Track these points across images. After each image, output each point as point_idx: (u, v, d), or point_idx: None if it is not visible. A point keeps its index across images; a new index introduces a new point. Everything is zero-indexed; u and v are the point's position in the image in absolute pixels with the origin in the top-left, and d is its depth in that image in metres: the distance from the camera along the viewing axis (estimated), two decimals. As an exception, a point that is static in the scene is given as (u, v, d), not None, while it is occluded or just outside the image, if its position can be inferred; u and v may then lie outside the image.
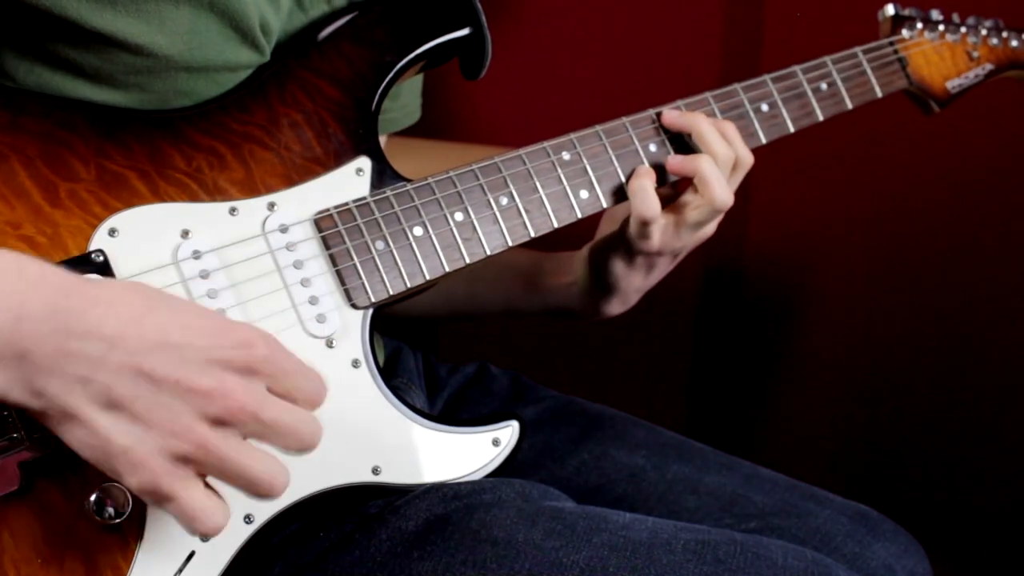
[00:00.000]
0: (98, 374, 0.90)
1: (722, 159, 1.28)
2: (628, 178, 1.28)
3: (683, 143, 1.31)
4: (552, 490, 1.19)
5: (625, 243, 1.30)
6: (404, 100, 1.39)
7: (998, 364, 2.29)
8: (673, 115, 1.30)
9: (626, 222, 1.28)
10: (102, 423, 0.91)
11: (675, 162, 1.28)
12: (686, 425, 2.55)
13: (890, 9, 1.50)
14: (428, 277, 1.17)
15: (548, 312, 1.44)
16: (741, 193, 1.32)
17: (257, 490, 0.95)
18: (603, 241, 1.34)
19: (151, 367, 0.90)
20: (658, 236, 1.28)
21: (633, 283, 1.34)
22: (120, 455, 0.91)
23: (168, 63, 1.10)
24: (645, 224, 1.26)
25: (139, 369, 0.90)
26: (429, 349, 1.50)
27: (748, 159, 1.32)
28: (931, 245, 2.31)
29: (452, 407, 1.45)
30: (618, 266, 1.32)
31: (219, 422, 0.92)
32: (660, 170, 1.30)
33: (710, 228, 1.31)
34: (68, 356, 0.89)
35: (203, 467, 0.93)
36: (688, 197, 1.28)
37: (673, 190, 1.31)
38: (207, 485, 0.95)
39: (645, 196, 1.25)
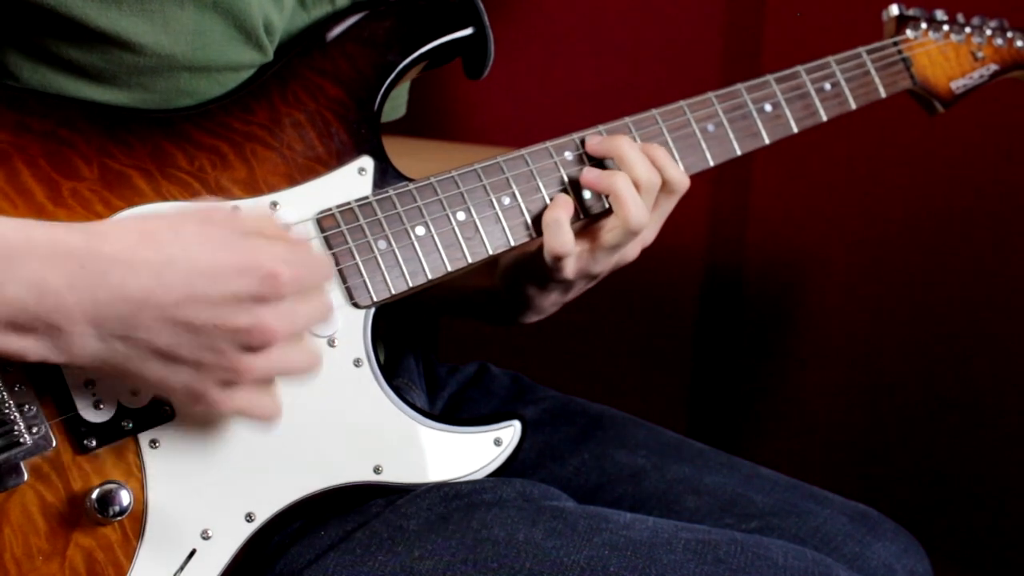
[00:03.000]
0: (135, 331, 0.93)
1: (644, 182, 1.23)
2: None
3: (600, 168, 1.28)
4: (553, 490, 1.19)
5: (539, 268, 1.25)
6: (391, 94, 1.37)
7: (998, 364, 2.29)
8: (595, 141, 1.25)
9: (540, 248, 1.23)
10: (152, 370, 0.96)
11: (590, 176, 1.24)
12: (686, 425, 2.55)
13: (894, 9, 1.50)
14: (430, 276, 1.17)
15: (466, 313, 1.43)
16: (741, 193, 1.32)
17: (301, 376, 1.04)
18: (519, 260, 1.29)
19: (186, 318, 0.94)
20: (573, 266, 1.23)
21: (548, 300, 1.31)
22: (178, 392, 0.97)
23: (171, 63, 1.10)
24: (558, 258, 1.22)
25: (174, 321, 0.94)
26: (429, 349, 1.49)
27: (681, 182, 1.26)
28: (932, 245, 2.31)
29: (452, 407, 1.45)
30: (531, 288, 1.29)
31: (260, 348, 0.97)
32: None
33: (631, 252, 1.26)
34: (100, 322, 0.93)
35: (255, 381, 0.99)
36: (602, 219, 1.24)
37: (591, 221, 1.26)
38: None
39: (559, 231, 1.20)
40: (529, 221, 1.22)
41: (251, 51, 1.15)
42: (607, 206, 1.26)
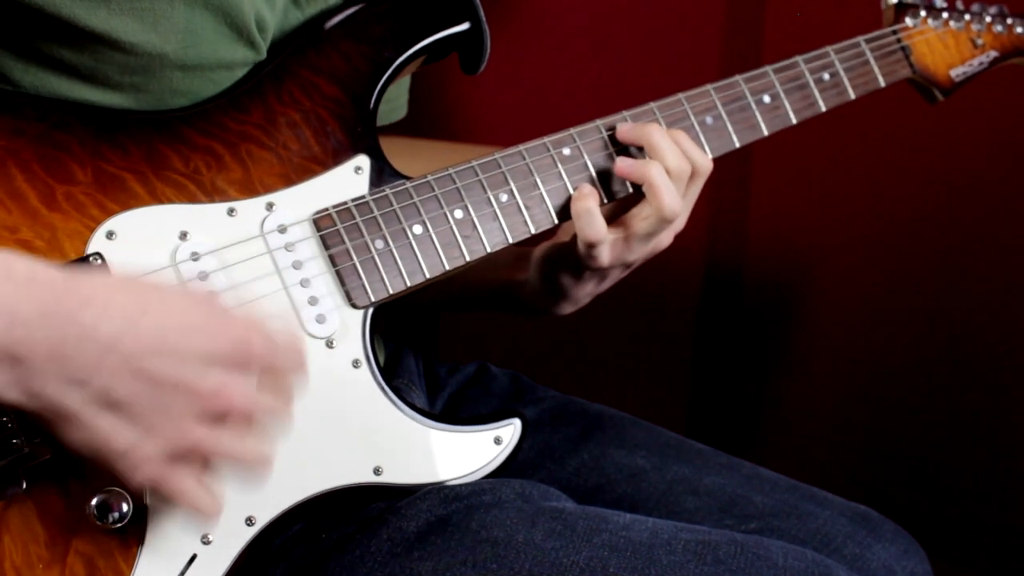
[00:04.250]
0: (96, 377, 0.91)
1: (675, 170, 1.24)
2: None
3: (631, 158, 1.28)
4: (552, 490, 1.19)
5: (574, 258, 1.26)
6: (391, 95, 1.37)
7: (998, 364, 2.29)
8: (625, 128, 1.26)
9: (575, 238, 1.25)
10: (101, 424, 0.92)
11: (624, 166, 1.24)
12: (686, 425, 2.55)
13: None
14: (428, 276, 1.16)
15: (501, 307, 1.43)
16: (741, 193, 1.32)
17: (249, 472, 1.01)
18: (553, 250, 1.31)
19: (151, 369, 0.92)
20: (607, 253, 1.24)
21: (584, 290, 1.32)
22: (120, 456, 0.93)
23: (163, 62, 1.09)
24: (592, 246, 1.23)
25: (138, 371, 0.91)
26: (429, 349, 1.49)
27: (706, 166, 1.27)
28: (931, 245, 2.31)
29: (452, 407, 1.45)
30: (566, 278, 1.30)
31: (216, 419, 0.94)
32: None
33: (665, 239, 1.27)
34: (64, 360, 0.90)
35: (201, 460, 0.96)
36: (636, 208, 1.25)
37: (621, 204, 1.27)
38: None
39: (591, 219, 1.22)
40: (527, 218, 1.22)
41: (243, 48, 1.14)
42: (616, 194, 1.26)
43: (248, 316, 0.99)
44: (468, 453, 1.16)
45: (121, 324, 0.91)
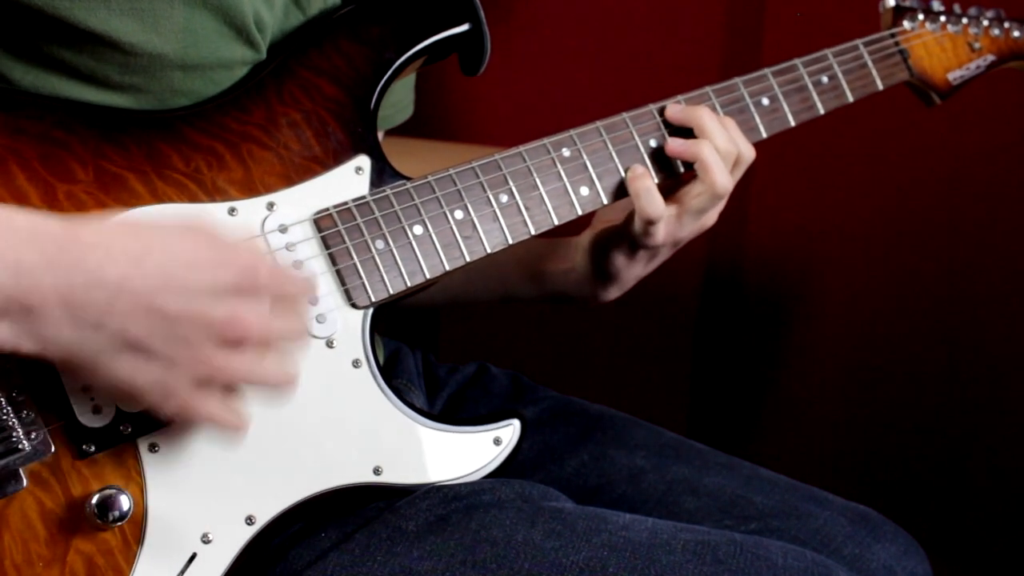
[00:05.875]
0: (109, 320, 0.92)
1: (723, 152, 1.28)
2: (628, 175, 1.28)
3: (684, 138, 1.30)
4: (552, 491, 1.19)
5: (628, 238, 1.30)
6: (396, 96, 1.38)
7: (998, 364, 2.29)
8: (676, 109, 1.30)
9: (630, 218, 1.29)
10: (123, 365, 0.94)
11: (676, 145, 1.29)
12: (686, 425, 2.55)
13: (891, 0, 1.50)
14: (428, 276, 1.17)
15: (545, 298, 1.44)
16: (741, 192, 1.32)
17: (274, 389, 1.03)
18: (605, 233, 1.34)
19: (162, 306, 0.93)
20: (663, 231, 1.28)
21: (634, 272, 1.35)
22: (147, 392, 0.95)
23: (163, 62, 1.10)
24: (650, 223, 1.27)
25: (150, 309, 0.93)
26: (429, 349, 1.49)
27: (749, 154, 1.31)
28: (931, 244, 2.31)
29: (452, 407, 1.45)
30: (620, 259, 1.33)
31: (234, 344, 0.96)
32: (661, 162, 1.30)
33: (712, 216, 1.31)
34: (75, 307, 0.91)
35: (225, 384, 0.98)
36: (688, 185, 1.29)
37: (675, 181, 1.31)
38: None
39: (650, 197, 1.26)
40: (527, 219, 1.22)
41: (242, 47, 1.14)
42: (605, 202, 1.26)
43: (250, 246, 1.00)
44: (467, 454, 1.16)
45: (126, 265, 0.92)
